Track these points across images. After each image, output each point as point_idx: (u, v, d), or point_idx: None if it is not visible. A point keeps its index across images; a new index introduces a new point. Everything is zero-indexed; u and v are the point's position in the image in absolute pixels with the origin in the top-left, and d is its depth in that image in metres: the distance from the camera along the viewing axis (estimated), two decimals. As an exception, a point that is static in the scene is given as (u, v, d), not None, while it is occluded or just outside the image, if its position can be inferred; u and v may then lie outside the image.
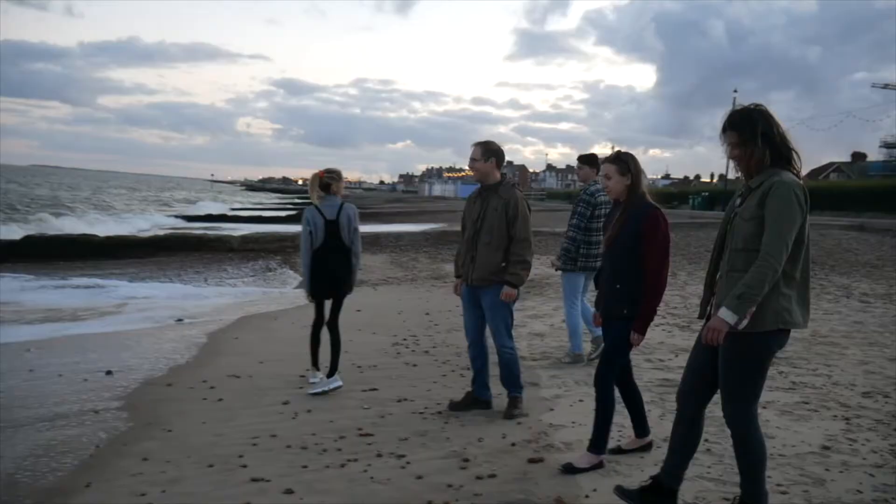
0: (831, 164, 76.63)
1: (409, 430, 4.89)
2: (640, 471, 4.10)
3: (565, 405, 5.45)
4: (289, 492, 3.85)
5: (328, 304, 6.13)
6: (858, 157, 76.09)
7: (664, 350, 7.26)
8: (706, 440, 4.61)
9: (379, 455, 4.39)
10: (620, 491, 3.62)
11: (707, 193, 56.55)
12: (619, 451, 4.38)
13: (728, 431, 4.71)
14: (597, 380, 4.15)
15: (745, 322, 3.11)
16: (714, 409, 3.62)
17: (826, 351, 7.29)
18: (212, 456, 4.40)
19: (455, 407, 5.32)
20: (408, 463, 4.27)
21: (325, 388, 5.81)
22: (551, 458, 4.35)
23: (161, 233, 21.67)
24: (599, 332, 5.95)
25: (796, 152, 3.23)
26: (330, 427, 4.94)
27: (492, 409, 5.30)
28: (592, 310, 4.83)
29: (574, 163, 7.32)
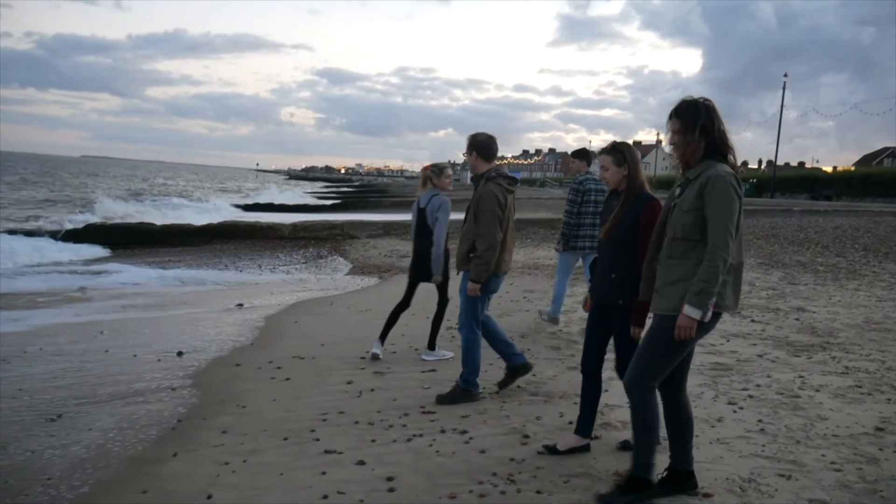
0: (885, 148, 74.61)
1: (470, 408, 5.10)
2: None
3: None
4: (361, 463, 4.10)
5: (425, 287, 6.58)
6: (914, 141, 73.80)
7: (715, 335, 7.32)
8: (760, 420, 4.75)
9: (443, 431, 4.62)
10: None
11: (755, 180, 55.64)
12: (554, 451, 4.21)
13: (780, 413, 4.85)
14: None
15: (709, 314, 3.26)
16: (766, 392, 3.73)
17: (879, 337, 7.30)
18: (285, 430, 4.68)
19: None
20: (471, 438, 4.48)
21: (438, 358, 6.47)
22: (608, 435, 4.53)
23: (215, 221, 22.21)
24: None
25: (733, 151, 3.37)
26: (393, 405, 5.18)
27: (537, 377, 5.47)
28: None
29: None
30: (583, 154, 7.62)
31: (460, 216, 5.59)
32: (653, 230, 3.81)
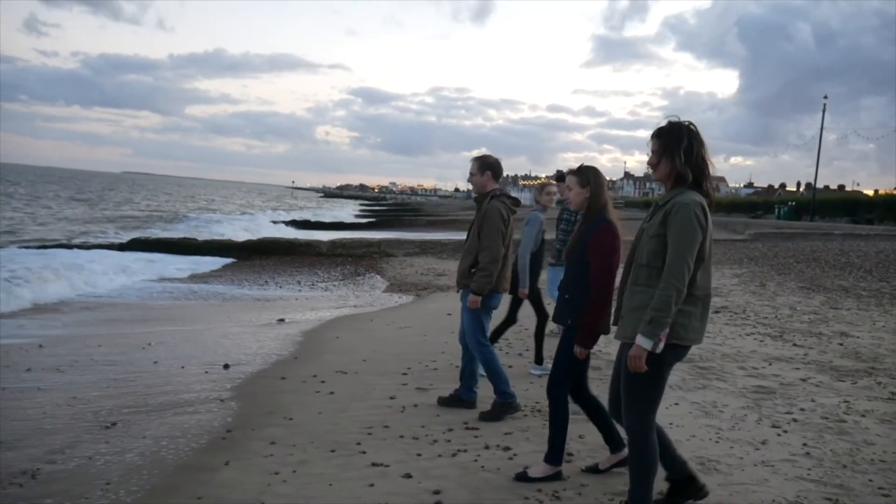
0: (929, 172, 72.88)
1: (512, 425, 5.16)
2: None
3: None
4: (407, 476, 4.18)
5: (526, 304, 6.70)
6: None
7: (757, 358, 7.31)
8: (805, 444, 4.73)
9: (486, 447, 4.68)
10: None
11: (794, 203, 54.82)
12: (596, 470, 4.27)
13: (826, 437, 4.83)
14: (548, 390, 4.16)
15: (661, 345, 3.16)
16: (811, 416, 3.74)
17: (927, 363, 7.20)
18: (332, 442, 4.78)
19: (445, 401, 5.63)
20: (514, 455, 4.54)
21: (544, 372, 6.49)
22: (652, 455, 4.54)
23: (254, 237, 22.62)
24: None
25: (710, 178, 3.30)
26: (437, 420, 5.26)
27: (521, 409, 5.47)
28: None
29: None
30: (563, 178, 7.90)
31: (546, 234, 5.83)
32: (601, 252, 3.94)
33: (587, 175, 4.17)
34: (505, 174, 6.06)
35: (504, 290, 5.46)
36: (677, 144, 3.26)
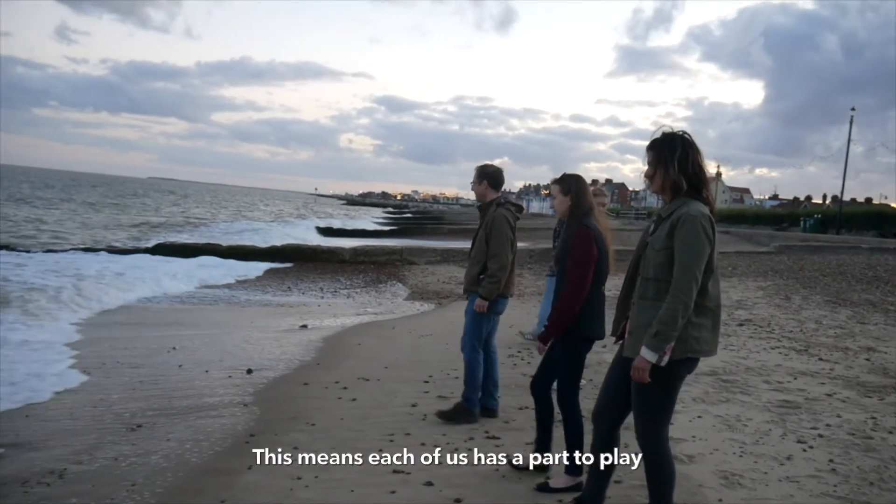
0: (960, 186, 71.75)
1: (533, 436, 5.14)
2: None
3: (684, 420, 5.58)
4: (429, 484, 4.19)
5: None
6: None
7: (782, 372, 7.23)
8: (831, 460, 4.68)
9: (507, 457, 4.67)
10: None
11: (820, 215, 54.13)
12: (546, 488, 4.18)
13: (852, 454, 4.78)
14: (559, 403, 4.29)
15: (666, 358, 3.12)
16: (837, 432, 3.67)
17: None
18: (354, 448, 4.79)
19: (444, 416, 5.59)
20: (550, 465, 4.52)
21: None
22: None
23: (278, 243, 22.79)
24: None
25: (708, 187, 3.27)
26: (459, 429, 5.27)
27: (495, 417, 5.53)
28: None
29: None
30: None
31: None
32: (575, 254, 4.05)
33: (569, 183, 4.29)
34: (527, 183, 6.14)
35: (510, 294, 5.59)
36: (671, 154, 3.23)
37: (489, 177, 5.61)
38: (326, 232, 38.21)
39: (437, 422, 5.44)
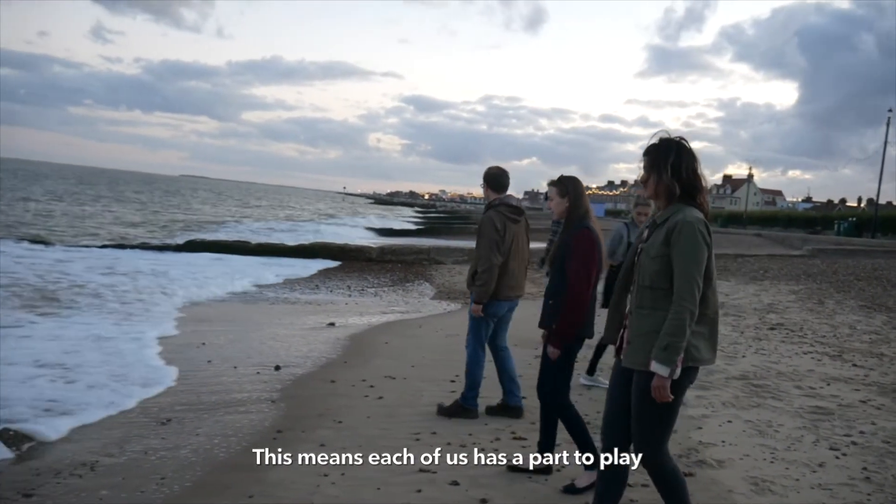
0: None
1: (559, 437, 5.10)
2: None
3: (713, 425, 5.51)
4: (454, 483, 4.19)
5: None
6: None
7: (814, 378, 7.11)
8: (864, 468, 4.59)
9: (535, 457, 4.65)
10: None
11: (854, 219, 53.20)
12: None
13: (887, 462, 4.68)
14: (551, 405, 4.31)
15: (678, 370, 3.04)
16: (871, 439, 3.60)
17: None
18: (380, 447, 4.80)
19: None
20: (564, 465, 4.51)
21: (593, 384, 6.71)
22: (703, 473, 4.46)
23: (306, 241, 22.96)
24: None
25: (704, 193, 3.19)
26: (485, 429, 5.26)
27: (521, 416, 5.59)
28: None
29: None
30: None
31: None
32: (577, 258, 4.08)
33: (566, 185, 4.33)
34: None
35: (506, 297, 5.52)
36: (664, 159, 3.18)
37: (489, 178, 5.60)
38: (382, 232, 38.99)
39: (463, 421, 5.44)
